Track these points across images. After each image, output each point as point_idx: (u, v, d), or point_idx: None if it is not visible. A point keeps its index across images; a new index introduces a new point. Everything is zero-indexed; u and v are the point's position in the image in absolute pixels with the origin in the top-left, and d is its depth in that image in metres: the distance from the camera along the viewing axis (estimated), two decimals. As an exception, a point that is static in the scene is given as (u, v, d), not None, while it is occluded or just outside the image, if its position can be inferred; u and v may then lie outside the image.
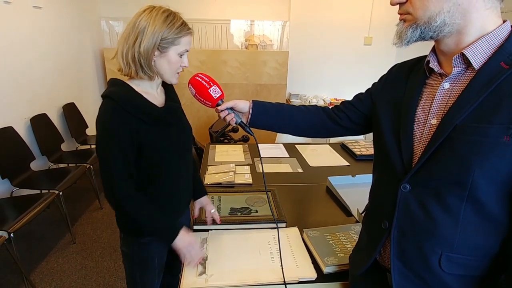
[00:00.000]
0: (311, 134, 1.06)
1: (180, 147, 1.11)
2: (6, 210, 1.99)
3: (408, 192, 0.72)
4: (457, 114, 0.64)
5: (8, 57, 2.40)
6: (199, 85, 0.94)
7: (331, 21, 4.13)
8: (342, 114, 0.99)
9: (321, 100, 4.30)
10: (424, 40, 0.69)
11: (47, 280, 1.96)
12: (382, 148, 0.81)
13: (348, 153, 2.19)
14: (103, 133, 0.94)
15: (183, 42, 0.96)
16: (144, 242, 1.09)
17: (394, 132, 0.78)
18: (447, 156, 0.65)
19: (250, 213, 1.36)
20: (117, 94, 0.94)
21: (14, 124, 2.39)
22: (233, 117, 0.96)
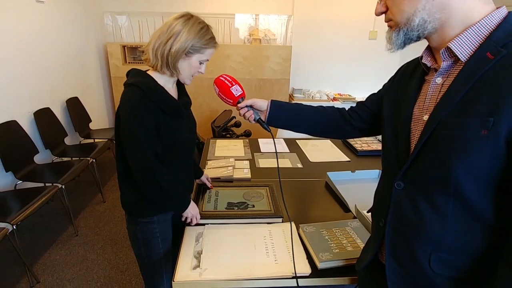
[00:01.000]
0: (325, 134, 1.09)
1: (189, 137, 1.24)
2: (9, 203, 2.02)
3: (402, 190, 0.73)
4: (442, 109, 0.64)
5: (11, 52, 2.43)
6: (222, 84, 1.03)
7: (335, 15, 4.08)
8: (355, 114, 1.02)
9: (324, 95, 4.27)
10: (412, 40, 0.70)
11: (49, 272, 2.00)
12: (384, 146, 0.83)
13: (350, 148, 2.17)
14: (133, 117, 1.02)
15: (207, 52, 1.08)
16: (144, 221, 1.18)
17: (393, 130, 0.79)
18: (431, 152, 0.66)
19: (247, 208, 1.36)
20: (144, 84, 1.04)
21: (18, 118, 2.42)
22: (251, 114, 1.04)
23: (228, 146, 2.19)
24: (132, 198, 1.17)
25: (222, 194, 1.46)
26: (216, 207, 1.35)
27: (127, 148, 1.05)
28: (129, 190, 1.16)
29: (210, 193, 1.47)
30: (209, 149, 2.10)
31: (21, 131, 2.42)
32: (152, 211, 1.18)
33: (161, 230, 1.21)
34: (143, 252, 1.22)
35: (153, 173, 1.06)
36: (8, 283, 1.89)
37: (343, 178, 1.66)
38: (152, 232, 1.19)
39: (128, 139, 1.04)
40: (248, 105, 1.04)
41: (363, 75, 4.31)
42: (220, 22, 4.07)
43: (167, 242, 1.25)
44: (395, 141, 0.77)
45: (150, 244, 1.20)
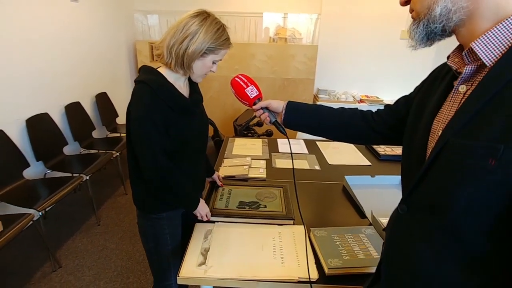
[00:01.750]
0: (345, 139, 1.01)
1: (200, 135, 1.22)
2: (38, 190, 2.14)
3: (403, 215, 0.65)
4: (452, 126, 0.54)
5: (46, 49, 2.57)
6: (237, 85, 1.01)
7: (364, 13, 3.95)
8: (379, 118, 0.92)
9: (350, 96, 4.15)
10: (437, 35, 0.59)
11: (71, 258, 2.09)
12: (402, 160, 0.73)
13: (372, 152, 2.09)
14: (142, 114, 1.02)
15: (221, 53, 1.07)
16: (154, 217, 1.19)
17: (409, 144, 0.69)
18: (434, 177, 0.56)
19: (258, 207, 1.34)
20: (153, 82, 1.03)
21: (49, 110, 2.56)
22: (267, 116, 1.00)
23: (247, 145, 2.17)
24: (142, 194, 1.18)
25: (235, 193, 1.45)
26: (228, 205, 1.34)
27: (136, 145, 1.05)
28: (139, 185, 1.17)
29: (223, 190, 1.46)
30: (227, 147, 2.10)
31: (52, 123, 2.55)
32: (161, 208, 1.19)
33: (170, 226, 1.22)
34: (152, 247, 1.23)
35: (161, 170, 1.06)
36: (33, 266, 2.00)
37: (362, 183, 1.60)
38: (161, 228, 1.20)
39: (137, 136, 1.04)
40: (263, 107, 1.00)
41: (392, 77, 4.13)
42: (246, 21, 4.08)
43: (176, 238, 1.26)
44: (408, 157, 0.68)
45: (159, 239, 1.21)
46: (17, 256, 2.09)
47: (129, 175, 1.18)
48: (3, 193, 1.98)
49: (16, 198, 1.97)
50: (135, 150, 1.07)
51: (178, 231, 1.27)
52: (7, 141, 2.11)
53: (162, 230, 1.21)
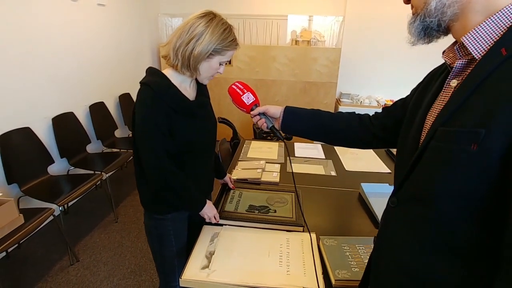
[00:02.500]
0: (344, 143, 1.00)
1: (205, 137, 1.19)
2: (60, 186, 2.22)
3: (393, 209, 0.66)
4: (442, 116, 0.56)
5: (72, 51, 2.68)
6: (233, 92, 1.02)
7: (390, 14, 3.82)
8: (377, 121, 0.91)
9: (374, 101, 4.02)
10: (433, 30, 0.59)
11: (88, 252, 2.15)
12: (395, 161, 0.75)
13: (392, 159, 1.99)
14: (145, 116, 1.01)
15: (228, 54, 1.05)
16: (159, 217, 1.19)
17: (403, 141, 0.70)
18: (421, 167, 0.58)
19: (268, 212, 1.30)
20: (156, 84, 1.02)
21: (74, 110, 2.67)
22: (264, 122, 1.00)
23: (262, 148, 2.15)
24: (147, 194, 1.18)
25: (245, 196, 1.43)
26: (237, 209, 1.32)
27: (139, 146, 1.05)
28: (144, 186, 1.17)
29: (234, 193, 1.44)
30: (242, 149, 2.08)
31: (77, 122, 2.66)
32: (166, 209, 1.18)
33: (175, 228, 1.21)
34: (157, 248, 1.23)
35: (164, 173, 1.05)
36: (53, 259, 2.07)
37: (379, 191, 1.51)
38: (166, 229, 1.20)
39: (141, 138, 1.03)
40: (261, 113, 1.00)
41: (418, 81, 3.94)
42: (268, 24, 4.06)
43: (181, 240, 1.25)
44: (401, 152, 0.69)
45: (163, 240, 1.21)
46: (39, 248, 2.18)
47: (135, 175, 1.18)
48: (27, 187, 2.08)
49: (40, 192, 2.06)
50: (139, 152, 1.07)
51: (184, 233, 1.26)
52: (34, 138, 2.22)
53: (167, 231, 1.20)
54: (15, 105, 2.14)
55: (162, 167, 1.05)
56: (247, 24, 4.03)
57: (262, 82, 4.02)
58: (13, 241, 1.62)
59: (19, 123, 2.15)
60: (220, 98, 3.87)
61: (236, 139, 3.49)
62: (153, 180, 1.08)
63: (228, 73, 3.96)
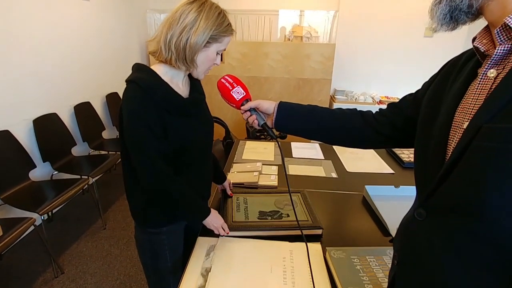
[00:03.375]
0: (345, 143, 0.90)
1: (202, 138, 1.10)
2: (42, 193, 2.08)
3: (422, 222, 0.57)
4: (485, 112, 0.47)
5: (55, 48, 2.53)
6: (222, 87, 0.92)
7: (385, 9, 3.74)
8: (383, 118, 0.82)
9: (369, 97, 3.95)
10: (463, 13, 0.52)
11: (74, 263, 2.02)
12: (414, 162, 0.65)
13: (395, 158, 1.91)
14: (134, 117, 0.91)
15: (225, 41, 0.96)
16: (153, 231, 1.08)
17: (424, 141, 0.61)
18: (463, 172, 0.49)
19: (281, 217, 1.21)
20: (144, 81, 0.92)
21: (58, 111, 2.51)
22: (255, 119, 0.89)
23: (258, 148, 2.04)
24: (139, 205, 1.06)
25: (251, 202, 1.32)
26: (248, 217, 1.21)
27: (131, 151, 0.94)
28: (136, 196, 1.06)
29: (238, 200, 1.33)
30: (237, 151, 1.98)
31: (60, 123, 2.50)
32: (161, 221, 1.07)
33: (171, 241, 1.11)
34: (150, 263, 1.13)
35: (161, 178, 0.96)
36: (36, 271, 1.94)
37: (385, 194, 1.43)
38: (161, 243, 1.09)
39: (131, 141, 0.93)
40: (252, 108, 0.90)
41: (415, 77, 3.90)
42: (260, 19, 3.95)
43: (177, 254, 1.14)
44: (424, 157, 0.60)
45: (157, 255, 1.11)
46: (22, 259, 2.04)
47: (125, 184, 1.06)
48: (7, 195, 1.93)
49: (20, 200, 1.92)
50: (131, 157, 0.96)
51: (180, 246, 1.16)
52: (13, 142, 2.07)
53: (162, 246, 1.10)
54: (-9, 106, 1.99)
55: (158, 172, 0.95)
56: (238, 19, 3.90)
57: (255, 79, 3.91)
58: (-11, 255, 1.49)
59: (-4, 126, 2.00)
60: (212, 96, 3.72)
61: (229, 138, 3.38)
62: (149, 187, 0.97)
63: (219, 70, 3.83)
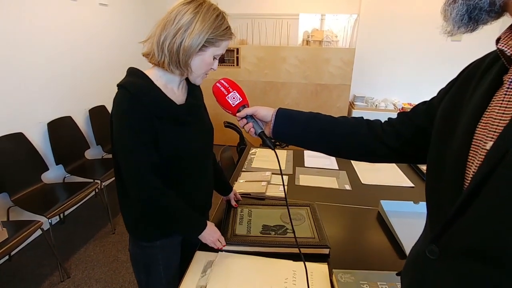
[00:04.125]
0: (349, 155, 0.80)
1: (198, 148, 1.02)
2: (53, 196, 2.09)
3: (434, 261, 0.48)
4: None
5: (73, 53, 2.57)
6: (217, 91, 0.86)
7: (408, 12, 3.58)
8: (391, 129, 0.71)
9: (390, 104, 3.78)
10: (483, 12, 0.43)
11: (81, 268, 2.01)
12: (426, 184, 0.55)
13: (415, 171, 1.77)
14: (123, 124, 0.86)
15: (223, 45, 0.90)
16: (146, 245, 1.02)
17: (438, 161, 0.51)
18: (483, 206, 0.40)
19: (285, 233, 1.12)
20: (133, 86, 0.86)
21: (73, 114, 2.54)
22: (251, 127, 0.82)
23: (269, 156, 1.96)
24: (131, 217, 1.01)
25: (256, 214, 1.24)
26: (250, 231, 1.13)
27: (119, 158, 0.89)
28: (128, 208, 1.01)
29: (242, 212, 1.26)
30: (246, 158, 1.90)
31: (75, 126, 2.53)
32: (155, 235, 1.01)
33: (165, 257, 1.05)
34: (143, 278, 1.07)
35: (150, 191, 0.89)
36: (43, 274, 1.93)
37: (402, 210, 1.31)
38: (154, 258, 1.03)
39: (120, 151, 0.88)
40: (248, 115, 0.83)
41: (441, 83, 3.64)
42: (278, 23, 3.88)
43: (171, 270, 1.08)
44: (437, 177, 0.50)
45: (151, 271, 1.05)
46: (31, 262, 2.04)
47: (118, 195, 1.01)
48: (18, 197, 1.95)
49: (30, 203, 1.93)
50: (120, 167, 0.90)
51: (175, 262, 1.09)
52: (27, 144, 2.10)
53: (155, 261, 1.04)
54: (6, 109, 2.02)
55: (145, 184, 0.88)
56: (256, 24, 3.86)
57: (272, 84, 3.83)
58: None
59: (11, 128, 2.03)
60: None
61: (243, 144, 3.31)
62: (138, 201, 0.91)
63: (235, 75, 3.80)
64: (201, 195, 1.10)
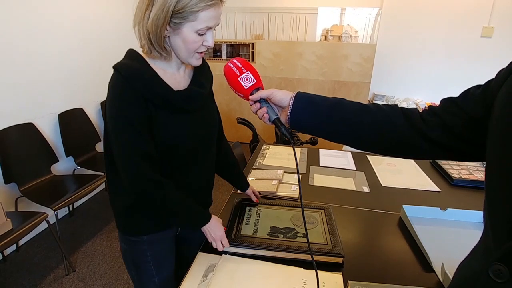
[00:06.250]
0: (379, 149, 0.66)
1: (198, 139, 0.94)
2: (61, 188, 2.06)
3: (503, 285, 0.37)
4: None
5: (86, 45, 2.55)
6: (229, 72, 0.76)
7: (435, 7, 3.37)
8: (435, 119, 0.58)
9: (412, 103, 3.59)
10: None
11: (86, 262, 1.97)
12: (487, 187, 0.44)
13: (441, 173, 1.63)
14: (115, 109, 0.79)
15: (201, 17, 0.76)
16: (133, 240, 0.96)
17: (506, 162, 0.40)
18: None
19: (295, 237, 1.02)
20: (127, 69, 0.80)
21: (85, 106, 2.52)
22: (265, 113, 0.71)
23: (282, 154, 1.86)
24: (118, 207, 0.95)
25: (265, 214, 1.15)
26: (256, 232, 1.04)
27: (112, 146, 0.83)
28: (115, 198, 0.94)
29: (251, 211, 1.17)
30: (258, 155, 1.81)
31: (86, 118, 2.51)
32: (142, 228, 0.94)
33: (154, 253, 0.98)
34: (135, 277, 1.02)
35: (142, 181, 0.82)
36: (49, 267, 1.91)
37: (427, 217, 1.19)
38: (142, 254, 0.97)
39: (112, 135, 0.81)
40: (263, 99, 0.72)
41: (469, 82, 3.47)
42: (295, 18, 3.76)
43: (165, 269, 1.01)
44: (503, 182, 0.39)
45: (140, 269, 0.99)
46: (37, 253, 2.03)
47: (107, 184, 0.95)
48: (26, 188, 1.93)
49: (38, 194, 1.91)
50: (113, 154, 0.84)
51: (168, 260, 1.03)
52: (37, 135, 2.08)
53: (144, 257, 0.97)
54: (17, 99, 2.01)
55: (141, 177, 0.81)
56: (272, 18, 3.75)
57: (287, 80, 3.72)
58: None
59: (22, 118, 2.01)
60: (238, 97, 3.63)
61: (256, 141, 3.22)
62: (130, 188, 0.84)
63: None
64: (198, 190, 1.01)
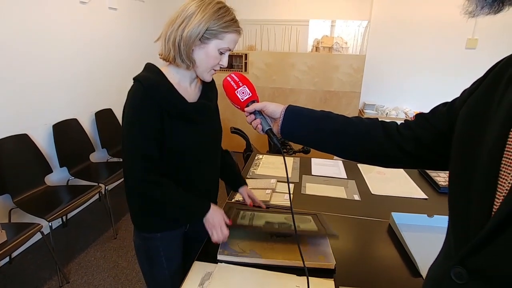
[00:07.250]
0: (361, 158, 0.74)
1: (206, 147, 1.06)
2: (55, 198, 2.06)
3: (461, 285, 0.41)
4: None
5: (81, 56, 2.57)
6: (228, 85, 0.85)
7: (421, 19, 3.50)
8: (408, 132, 0.65)
9: (402, 112, 3.69)
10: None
11: (80, 273, 1.97)
12: (449, 196, 0.49)
13: (428, 181, 1.69)
14: (131, 116, 0.90)
15: (227, 38, 0.90)
16: (148, 236, 1.05)
17: (464, 173, 0.45)
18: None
19: (290, 227, 1.08)
20: (147, 80, 0.91)
21: (79, 116, 2.53)
22: (259, 123, 0.79)
23: (276, 163, 1.90)
24: (134, 207, 1.05)
25: (259, 216, 1.20)
26: (252, 224, 1.11)
27: (122, 151, 0.93)
28: (132, 198, 1.04)
29: (244, 213, 1.21)
30: (251, 165, 1.85)
31: (80, 129, 2.52)
32: (156, 226, 1.04)
33: (166, 248, 1.07)
34: (147, 270, 1.10)
35: (142, 182, 0.92)
36: (42, 278, 1.90)
37: (415, 223, 1.24)
38: (156, 249, 1.06)
39: (124, 137, 0.91)
40: (257, 111, 0.80)
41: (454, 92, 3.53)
42: (287, 29, 3.85)
43: (174, 262, 1.10)
44: (464, 190, 0.44)
45: (153, 262, 1.08)
46: (31, 264, 2.02)
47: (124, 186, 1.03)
48: (20, 198, 1.93)
49: (32, 205, 1.91)
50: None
51: (177, 254, 1.12)
52: (31, 145, 2.08)
53: (157, 252, 1.06)
54: (11, 110, 2.02)
55: (140, 179, 0.92)
56: (264, 29, 3.84)
57: (280, 90, 3.79)
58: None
59: (16, 129, 2.02)
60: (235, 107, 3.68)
61: (249, 151, 3.26)
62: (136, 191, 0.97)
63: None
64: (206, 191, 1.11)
